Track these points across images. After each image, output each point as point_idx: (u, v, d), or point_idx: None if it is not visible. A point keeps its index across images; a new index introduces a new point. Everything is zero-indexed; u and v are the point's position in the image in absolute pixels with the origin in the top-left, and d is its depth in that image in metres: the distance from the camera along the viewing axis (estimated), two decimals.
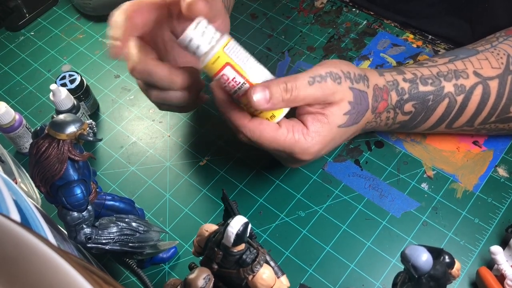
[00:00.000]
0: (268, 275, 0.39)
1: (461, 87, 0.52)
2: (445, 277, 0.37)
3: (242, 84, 0.46)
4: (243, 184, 0.59)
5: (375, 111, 0.52)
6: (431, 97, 0.52)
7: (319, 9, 0.76)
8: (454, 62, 0.54)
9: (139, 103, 0.69)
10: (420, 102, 0.52)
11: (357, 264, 0.52)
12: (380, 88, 0.52)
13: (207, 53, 0.45)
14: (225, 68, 0.45)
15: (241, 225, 0.37)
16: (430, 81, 0.52)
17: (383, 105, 0.52)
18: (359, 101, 0.50)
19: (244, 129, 0.47)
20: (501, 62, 0.52)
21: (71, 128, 0.42)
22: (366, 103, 0.51)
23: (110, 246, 0.46)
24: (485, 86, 0.52)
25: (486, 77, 0.52)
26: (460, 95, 0.52)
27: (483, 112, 0.53)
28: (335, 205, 0.57)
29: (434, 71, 0.53)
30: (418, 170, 0.58)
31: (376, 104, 0.52)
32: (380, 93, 0.52)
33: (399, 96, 0.52)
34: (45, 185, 0.43)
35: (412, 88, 0.52)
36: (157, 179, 0.61)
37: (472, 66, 0.53)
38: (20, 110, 0.70)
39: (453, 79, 0.52)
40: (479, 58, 0.53)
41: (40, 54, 0.76)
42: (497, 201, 0.55)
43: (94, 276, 0.22)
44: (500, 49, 0.54)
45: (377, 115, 0.53)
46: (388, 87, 0.52)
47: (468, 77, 0.52)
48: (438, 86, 0.52)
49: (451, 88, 0.52)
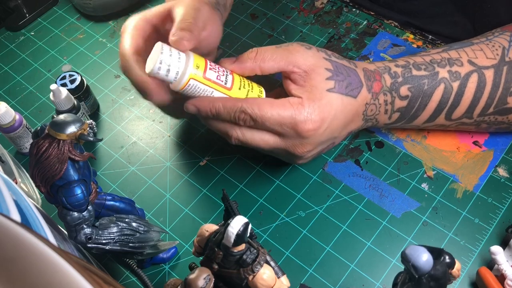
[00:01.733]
0: (268, 275, 0.39)
1: (455, 73, 0.52)
2: (445, 277, 0.37)
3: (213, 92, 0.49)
4: (243, 184, 0.59)
5: (371, 90, 0.52)
6: (426, 81, 0.52)
7: (319, 9, 0.76)
8: (448, 51, 0.54)
9: (139, 103, 0.69)
10: (416, 86, 0.52)
11: (358, 264, 0.52)
12: (371, 71, 0.53)
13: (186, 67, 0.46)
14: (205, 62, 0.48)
15: (241, 225, 0.37)
16: (424, 67, 0.53)
17: (378, 85, 0.52)
18: (345, 72, 0.50)
19: (245, 104, 0.48)
20: (496, 54, 0.53)
21: (71, 128, 0.42)
22: (357, 78, 0.51)
23: (110, 246, 0.46)
24: (481, 74, 0.52)
25: (481, 66, 0.52)
26: (456, 81, 0.52)
27: (480, 101, 0.53)
28: (335, 205, 0.57)
29: (427, 59, 0.53)
30: (418, 170, 0.58)
31: (369, 83, 0.52)
32: (372, 74, 0.52)
33: (392, 78, 0.52)
34: (45, 185, 0.43)
35: (405, 72, 0.52)
36: (157, 179, 0.61)
37: (467, 56, 0.53)
38: (20, 110, 0.70)
39: (447, 65, 0.52)
40: (474, 49, 0.53)
41: (40, 54, 0.76)
42: (497, 201, 0.55)
43: (94, 276, 0.22)
44: (496, 41, 0.54)
45: (374, 95, 0.52)
46: (379, 70, 0.53)
47: (463, 65, 0.52)
48: (432, 71, 0.52)
49: (445, 74, 0.52)
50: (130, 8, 0.80)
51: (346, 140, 0.61)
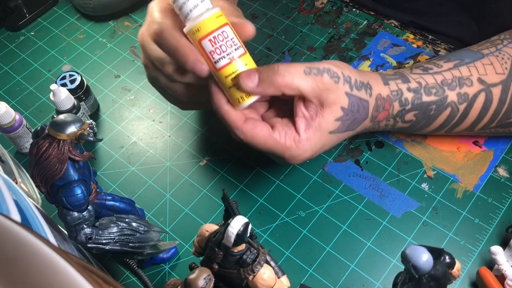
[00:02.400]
0: (268, 275, 0.39)
1: (464, 95, 0.52)
2: (445, 277, 0.37)
3: (238, 47, 0.45)
4: (243, 184, 0.59)
5: (374, 120, 0.51)
6: (433, 107, 0.52)
7: (319, 9, 0.76)
8: (459, 68, 0.53)
9: (139, 103, 0.69)
10: (422, 112, 0.52)
11: (358, 264, 0.52)
12: (383, 98, 0.51)
13: (209, 9, 0.44)
14: (225, 26, 0.44)
15: (241, 225, 0.37)
16: (434, 91, 0.52)
17: (384, 115, 0.52)
18: (356, 108, 0.48)
19: (237, 131, 0.46)
20: (505, 68, 0.52)
21: (71, 128, 0.42)
22: (365, 112, 0.50)
23: (110, 246, 0.46)
24: (488, 93, 0.52)
25: (490, 83, 0.52)
26: (463, 104, 0.52)
27: (484, 118, 0.53)
28: (335, 205, 0.57)
29: (438, 79, 0.52)
30: (418, 170, 0.58)
31: (376, 113, 0.51)
32: (383, 103, 0.51)
33: (401, 106, 0.52)
34: (45, 185, 0.43)
35: (416, 98, 0.51)
36: (157, 179, 0.61)
37: (477, 73, 0.52)
38: (20, 110, 0.70)
39: (457, 87, 0.52)
40: (484, 63, 0.53)
41: (40, 54, 0.76)
42: (497, 201, 0.55)
43: (94, 276, 0.22)
44: (505, 53, 0.53)
45: (376, 123, 0.52)
46: (391, 97, 0.51)
47: (472, 85, 0.52)
48: (441, 96, 0.52)
49: (454, 97, 0.52)
50: (130, 8, 0.80)
51: (346, 140, 0.61)
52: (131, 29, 0.78)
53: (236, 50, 0.45)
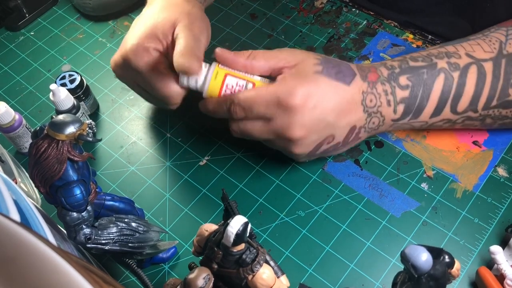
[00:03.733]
0: (268, 275, 0.39)
1: (454, 65, 0.52)
2: (444, 277, 0.37)
3: (246, 83, 0.52)
4: (243, 184, 0.59)
5: (366, 79, 0.52)
6: (424, 70, 0.52)
7: (319, 9, 0.76)
8: (445, 46, 0.54)
9: (139, 103, 0.69)
10: (415, 75, 0.52)
11: (357, 263, 0.52)
12: (365, 66, 0.53)
13: (206, 77, 0.52)
14: (226, 78, 0.52)
15: (241, 225, 0.37)
16: (421, 59, 0.53)
17: (373, 75, 0.52)
18: (334, 62, 0.52)
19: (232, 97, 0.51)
20: (494, 48, 0.53)
21: (70, 129, 0.42)
22: (348, 67, 0.52)
23: (109, 246, 0.46)
24: (479, 66, 0.52)
25: (479, 59, 0.52)
26: (455, 72, 0.52)
27: (483, 92, 0.52)
28: (335, 205, 0.57)
29: (424, 53, 0.54)
30: (418, 170, 0.58)
31: (363, 73, 0.52)
32: (367, 68, 0.53)
33: (389, 70, 0.53)
34: (44, 185, 0.43)
35: (402, 64, 0.53)
36: (157, 179, 0.61)
37: (464, 49, 0.53)
38: (20, 110, 0.70)
39: (445, 57, 0.53)
40: (471, 43, 0.54)
41: (40, 54, 0.76)
42: (497, 201, 0.55)
43: (94, 276, 0.22)
44: (492, 36, 0.54)
45: (371, 84, 0.52)
46: (375, 65, 0.54)
47: (461, 58, 0.53)
48: (430, 62, 0.53)
49: (444, 65, 0.52)
50: (130, 8, 0.80)
51: None
52: None
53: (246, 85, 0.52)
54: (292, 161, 0.60)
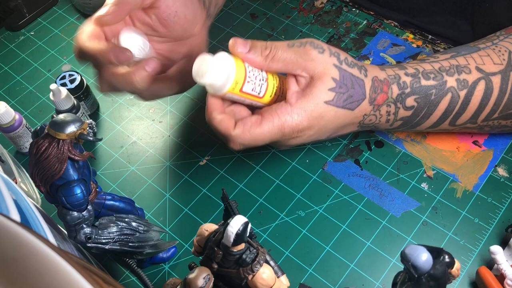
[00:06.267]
0: (268, 275, 0.39)
1: (463, 82, 0.52)
2: (445, 277, 0.37)
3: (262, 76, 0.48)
4: (243, 184, 0.59)
5: (373, 102, 0.51)
6: (433, 91, 0.52)
7: (319, 9, 0.76)
8: (456, 58, 0.53)
9: (139, 102, 0.69)
10: (423, 96, 0.52)
11: (357, 263, 0.52)
12: (380, 81, 0.51)
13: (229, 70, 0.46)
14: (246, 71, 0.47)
15: (241, 225, 0.37)
16: (432, 76, 0.52)
17: (383, 98, 0.51)
18: (350, 84, 0.49)
19: (233, 139, 0.47)
20: (503, 59, 0.52)
21: (71, 128, 0.42)
22: (361, 90, 0.50)
23: (110, 245, 0.46)
24: (488, 81, 0.52)
25: (488, 72, 0.52)
26: (463, 90, 0.52)
27: (486, 108, 0.53)
28: (335, 205, 0.57)
29: (436, 66, 0.53)
30: (418, 170, 0.58)
31: (374, 95, 0.51)
32: (380, 85, 0.51)
33: (400, 90, 0.52)
34: (45, 184, 0.43)
35: (414, 82, 0.52)
36: (157, 179, 0.61)
37: (474, 62, 0.53)
38: (20, 110, 0.70)
39: (455, 74, 0.52)
40: (481, 55, 0.53)
41: (40, 54, 0.76)
42: (497, 201, 0.55)
43: (94, 276, 0.22)
44: (502, 46, 0.54)
45: (376, 107, 0.52)
46: (389, 80, 0.52)
47: (471, 72, 0.52)
48: (440, 80, 0.52)
49: (453, 83, 0.52)
50: None
51: (346, 140, 0.61)
52: None
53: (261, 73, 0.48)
54: (292, 161, 0.60)
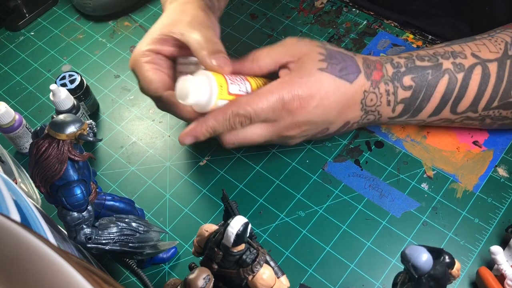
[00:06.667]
0: (268, 275, 0.39)
1: (459, 65, 0.52)
2: (445, 277, 0.37)
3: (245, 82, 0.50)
4: (243, 184, 0.59)
5: (370, 77, 0.51)
6: (429, 71, 0.52)
7: (319, 9, 0.76)
8: (451, 45, 0.54)
9: (139, 103, 0.69)
10: (419, 76, 0.52)
11: (357, 264, 0.52)
12: (371, 60, 0.52)
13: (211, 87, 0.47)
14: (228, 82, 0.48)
15: (241, 225, 0.37)
16: (427, 58, 0.53)
17: (378, 74, 0.51)
18: (339, 57, 0.51)
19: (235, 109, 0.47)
20: (499, 48, 0.53)
21: (71, 128, 0.42)
22: (353, 64, 0.51)
23: (110, 246, 0.46)
24: (484, 67, 0.52)
25: (484, 59, 0.52)
26: (460, 73, 0.52)
27: (485, 94, 0.52)
28: (335, 205, 0.57)
29: (430, 52, 0.54)
30: (418, 170, 0.58)
31: (369, 70, 0.51)
32: (373, 64, 0.52)
33: (395, 68, 0.52)
34: (45, 185, 0.43)
35: (408, 62, 0.52)
36: (157, 179, 0.61)
37: (470, 49, 0.53)
38: (20, 110, 0.70)
39: (450, 58, 0.53)
40: (477, 44, 0.54)
41: (40, 54, 0.76)
42: (497, 201, 0.55)
43: (94, 276, 0.22)
44: (498, 37, 0.54)
45: (374, 83, 0.52)
46: (381, 60, 0.53)
47: (466, 58, 0.52)
48: (435, 62, 0.52)
49: (449, 66, 0.52)
50: (130, 8, 0.80)
51: (346, 140, 0.61)
52: (130, 29, 0.78)
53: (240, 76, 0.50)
54: (292, 161, 0.60)
